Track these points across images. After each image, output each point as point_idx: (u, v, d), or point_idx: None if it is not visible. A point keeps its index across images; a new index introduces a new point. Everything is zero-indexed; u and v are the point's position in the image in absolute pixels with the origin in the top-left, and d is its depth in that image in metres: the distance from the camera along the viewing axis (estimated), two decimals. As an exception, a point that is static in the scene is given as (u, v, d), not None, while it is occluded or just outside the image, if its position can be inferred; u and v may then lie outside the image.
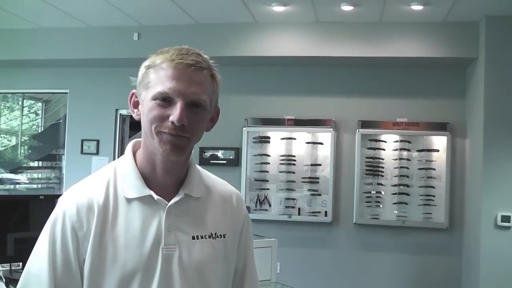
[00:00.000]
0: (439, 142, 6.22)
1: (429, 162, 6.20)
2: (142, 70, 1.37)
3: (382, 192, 6.27)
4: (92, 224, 1.31)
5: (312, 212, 6.34)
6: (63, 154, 7.16)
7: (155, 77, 1.32)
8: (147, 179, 1.39)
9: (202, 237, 1.42)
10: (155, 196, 1.37)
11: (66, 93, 7.00)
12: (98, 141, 6.78)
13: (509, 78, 5.45)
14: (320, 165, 6.35)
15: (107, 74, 6.70)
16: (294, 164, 6.34)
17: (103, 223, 1.32)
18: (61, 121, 7.40)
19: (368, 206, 6.27)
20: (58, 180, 7.65)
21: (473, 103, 5.91)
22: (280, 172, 6.39)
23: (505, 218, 5.34)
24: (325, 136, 6.31)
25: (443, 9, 5.39)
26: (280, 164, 6.39)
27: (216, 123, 1.49)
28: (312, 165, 6.35)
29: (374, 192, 6.29)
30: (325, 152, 6.33)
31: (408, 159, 6.23)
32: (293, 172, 6.34)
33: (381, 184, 6.27)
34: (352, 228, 6.27)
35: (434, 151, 6.21)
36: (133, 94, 1.44)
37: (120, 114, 6.75)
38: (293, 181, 6.36)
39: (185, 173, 1.46)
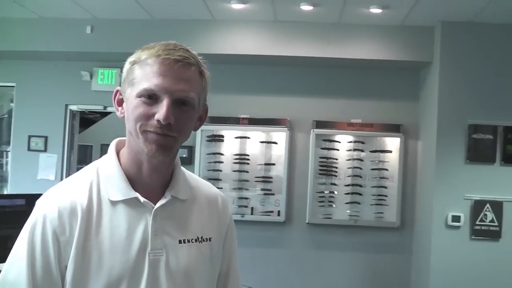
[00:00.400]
0: (392, 143, 6.33)
1: (382, 163, 6.30)
2: (127, 66, 1.32)
3: (335, 192, 6.32)
4: (75, 228, 1.25)
5: (265, 212, 6.32)
6: (7, 151, 6.89)
7: (141, 74, 1.26)
8: (132, 180, 1.34)
9: (189, 241, 1.38)
10: (142, 199, 1.32)
11: (13, 86, 6.68)
12: (46, 138, 6.50)
13: (462, 83, 5.60)
14: (274, 164, 6.33)
15: (58, 67, 6.44)
16: (247, 163, 6.30)
17: (87, 228, 1.26)
18: (6, 116, 7.11)
19: (321, 206, 6.31)
20: (0, 178, 7.37)
21: (426, 106, 6.04)
22: (233, 171, 6.34)
23: (455, 218, 5.51)
24: (280, 136, 6.30)
25: (401, 13, 5.47)
26: (234, 163, 6.33)
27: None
28: (266, 164, 6.33)
29: (327, 191, 6.32)
30: (279, 152, 6.32)
31: (361, 160, 6.30)
32: (247, 171, 6.31)
33: (334, 184, 6.32)
34: (305, 227, 6.30)
35: (387, 152, 6.31)
36: (117, 91, 1.37)
37: (70, 109, 6.50)
38: (246, 180, 6.31)
39: (171, 174, 1.41)
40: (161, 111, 1.22)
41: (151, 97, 1.24)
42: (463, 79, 5.60)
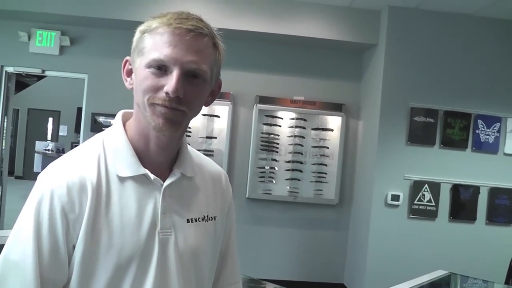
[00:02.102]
0: (334, 122, 6.36)
1: (323, 141, 6.33)
2: (137, 35, 1.22)
3: (276, 168, 6.30)
4: (85, 205, 1.16)
5: (205, 186, 6.23)
6: None
7: (151, 43, 1.17)
8: (140, 155, 1.26)
9: (196, 220, 1.32)
10: (151, 176, 1.24)
11: None
12: (-21, 100, 6.25)
13: (406, 66, 5.72)
14: (215, 138, 6.26)
15: (-6, 26, 6.20)
16: (189, 136, 6.19)
17: (96, 205, 1.17)
18: None
19: (261, 181, 6.29)
20: None
21: (369, 87, 6.12)
22: (174, 143, 6.22)
23: (394, 197, 5.63)
24: (222, 109, 6.23)
25: (349, -6, 5.51)
26: (175, 135, 6.21)
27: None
28: (207, 137, 6.26)
29: (268, 167, 6.30)
30: (221, 125, 6.26)
31: (303, 137, 6.30)
32: (188, 144, 6.17)
33: (275, 160, 6.30)
34: (245, 202, 6.26)
35: (329, 130, 6.33)
36: (126, 61, 1.28)
37: (6, 71, 6.22)
38: (187, 153, 6.20)
39: (177, 150, 1.34)
40: (170, 83, 1.15)
41: (160, 68, 1.16)
42: (407, 63, 5.71)
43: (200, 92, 1.22)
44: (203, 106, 1.29)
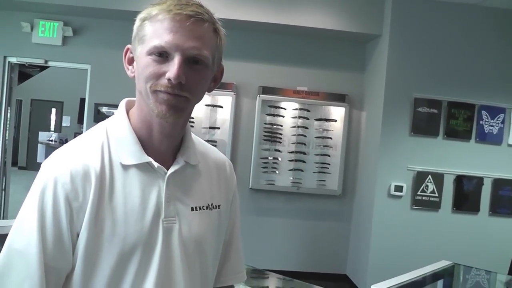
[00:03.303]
0: (337, 112, 6.34)
1: (326, 131, 6.33)
2: (137, 22, 1.21)
3: (279, 158, 6.30)
4: (89, 194, 1.15)
5: (208, 176, 6.23)
6: None
7: (151, 30, 1.17)
8: (143, 143, 1.25)
9: (200, 208, 1.32)
10: (155, 164, 1.23)
11: None
12: (-18, 90, 6.25)
13: (410, 57, 5.69)
14: (218, 128, 6.26)
15: (-4, 18, 6.19)
16: (192, 126, 6.17)
17: (100, 193, 1.17)
18: None
19: (265, 172, 6.29)
20: None
21: (373, 78, 6.10)
22: (177, 134, 6.22)
23: (398, 188, 5.62)
24: (226, 100, 6.22)
25: (352, -16, 5.47)
26: (178, 126, 6.21)
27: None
28: (210, 128, 6.26)
29: (271, 158, 6.30)
30: (224, 116, 6.26)
31: (306, 127, 6.29)
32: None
33: (278, 151, 6.30)
34: (248, 192, 6.26)
35: (332, 121, 6.32)
36: (128, 49, 1.27)
37: (9, 62, 6.22)
38: (190, 144, 6.20)
39: (181, 138, 1.33)
40: (172, 69, 1.14)
41: (161, 55, 1.16)
42: (411, 54, 5.68)
43: (202, 78, 1.22)
44: (206, 93, 1.29)
